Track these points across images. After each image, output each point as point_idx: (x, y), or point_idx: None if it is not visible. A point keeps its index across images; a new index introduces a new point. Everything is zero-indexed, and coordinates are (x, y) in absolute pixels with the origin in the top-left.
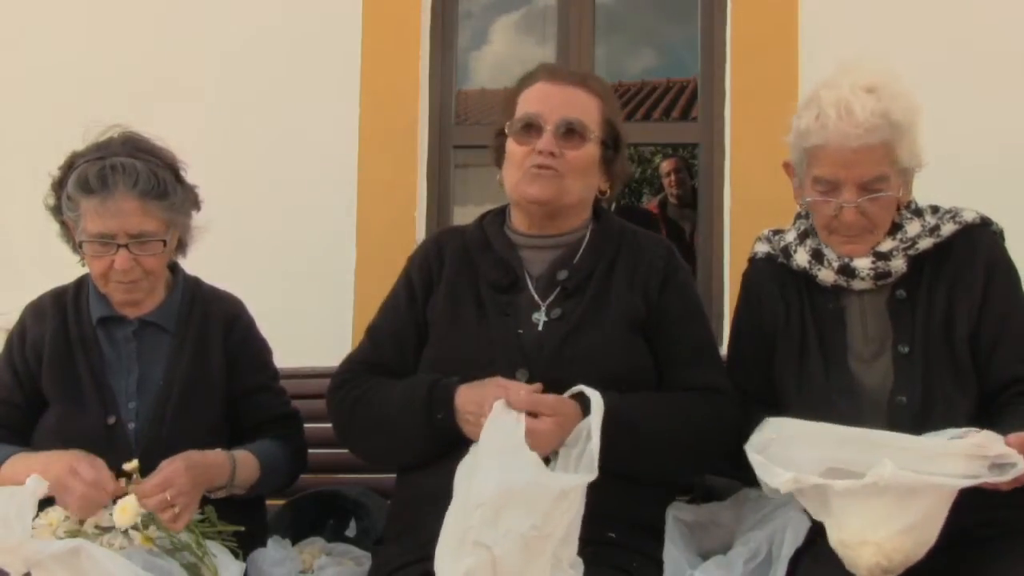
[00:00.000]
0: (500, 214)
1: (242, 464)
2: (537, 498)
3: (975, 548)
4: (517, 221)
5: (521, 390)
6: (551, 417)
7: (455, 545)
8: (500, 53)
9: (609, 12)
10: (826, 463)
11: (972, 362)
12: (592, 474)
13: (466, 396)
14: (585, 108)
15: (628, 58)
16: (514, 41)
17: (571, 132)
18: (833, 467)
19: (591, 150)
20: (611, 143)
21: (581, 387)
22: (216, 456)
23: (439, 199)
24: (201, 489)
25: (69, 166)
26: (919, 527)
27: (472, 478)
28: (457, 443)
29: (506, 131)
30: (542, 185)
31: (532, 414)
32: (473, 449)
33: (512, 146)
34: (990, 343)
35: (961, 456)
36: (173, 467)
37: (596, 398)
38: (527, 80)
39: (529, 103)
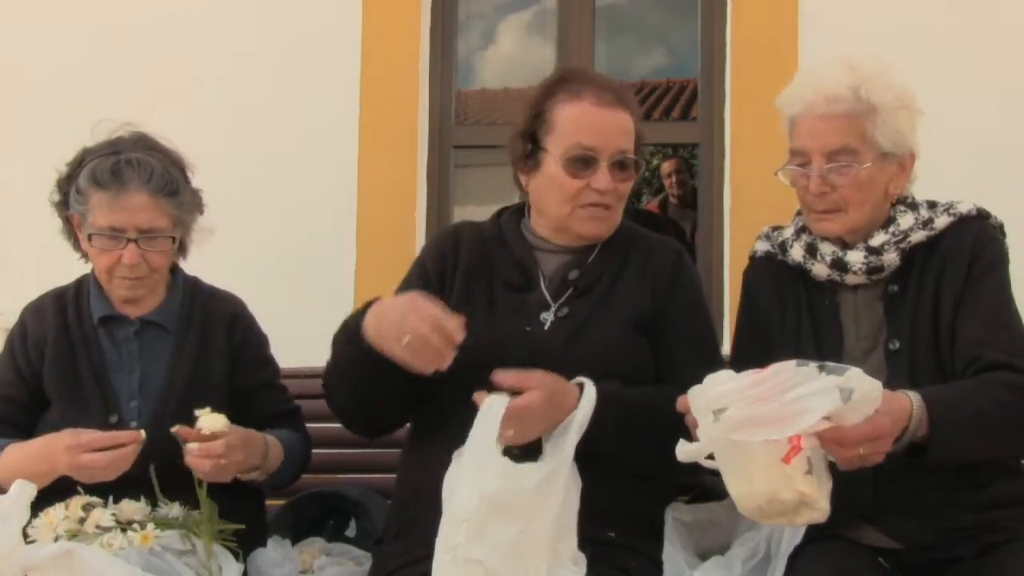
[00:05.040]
0: (517, 212)
1: (272, 447)
2: (517, 502)
3: (982, 554)
4: (543, 230)
5: (455, 329)
6: (538, 391)
7: (448, 563)
8: (503, 53)
9: (610, 12)
10: None
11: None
12: (566, 460)
13: (384, 314)
14: (631, 135)
15: (628, 58)
16: (517, 42)
17: (624, 166)
18: None
19: (635, 177)
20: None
21: (581, 379)
22: (254, 434)
23: (439, 199)
24: (245, 462)
25: (79, 162)
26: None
27: (455, 490)
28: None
29: (546, 147)
30: (599, 226)
31: (518, 392)
32: (455, 458)
33: (561, 176)
34: (958, 330)
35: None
36: (232, 436)
37: (589, 387)
38: (564, 93)
39: (581, 132)
